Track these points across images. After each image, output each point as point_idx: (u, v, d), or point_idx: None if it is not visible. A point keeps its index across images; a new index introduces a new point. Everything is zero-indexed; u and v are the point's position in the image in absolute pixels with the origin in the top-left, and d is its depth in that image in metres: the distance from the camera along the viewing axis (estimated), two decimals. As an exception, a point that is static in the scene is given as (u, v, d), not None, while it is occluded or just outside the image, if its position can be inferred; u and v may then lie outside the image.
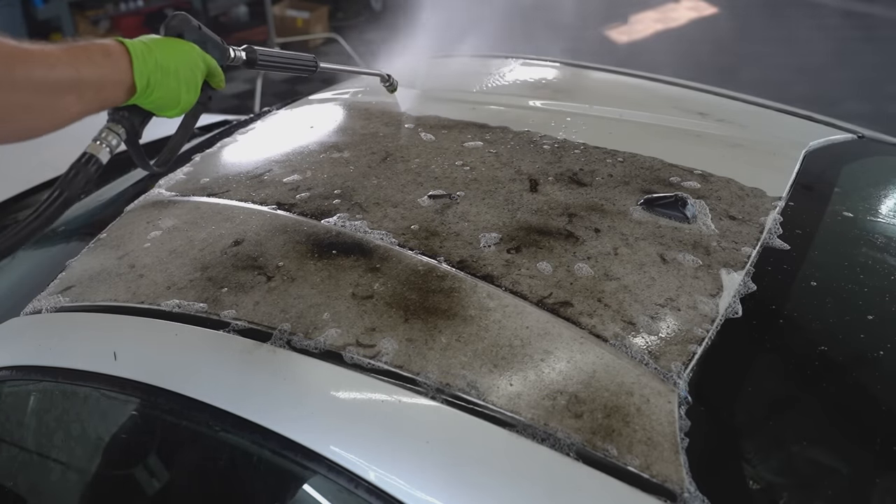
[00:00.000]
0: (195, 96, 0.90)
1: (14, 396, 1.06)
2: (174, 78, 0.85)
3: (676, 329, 0.83)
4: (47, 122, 0.75)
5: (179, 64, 0.86)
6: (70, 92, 0.75)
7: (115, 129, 0.85)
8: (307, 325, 0.86)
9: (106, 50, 0.79)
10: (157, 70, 0.83)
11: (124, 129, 0.85)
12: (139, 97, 0.83)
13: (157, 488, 0.99)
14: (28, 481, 1.11)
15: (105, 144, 0.83)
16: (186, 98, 0.88)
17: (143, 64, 0.82)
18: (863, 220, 1.11)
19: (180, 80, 0.86)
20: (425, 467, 0.73)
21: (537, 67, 1.75)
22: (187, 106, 0.89)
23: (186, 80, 0.87)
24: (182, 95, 0.87)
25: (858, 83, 4.32)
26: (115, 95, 0.81)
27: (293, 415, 0.80)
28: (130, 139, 0.88)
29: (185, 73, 0.86)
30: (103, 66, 0.78)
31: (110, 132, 0.84)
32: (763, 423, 0.79)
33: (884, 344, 0.86)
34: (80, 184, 0.78)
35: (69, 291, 1.03)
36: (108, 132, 0.84)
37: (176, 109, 0.88)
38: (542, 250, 0.96)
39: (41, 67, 0.72)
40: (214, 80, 0.95)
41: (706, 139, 1.30)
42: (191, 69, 0.87)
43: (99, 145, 0.82)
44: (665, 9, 5.80)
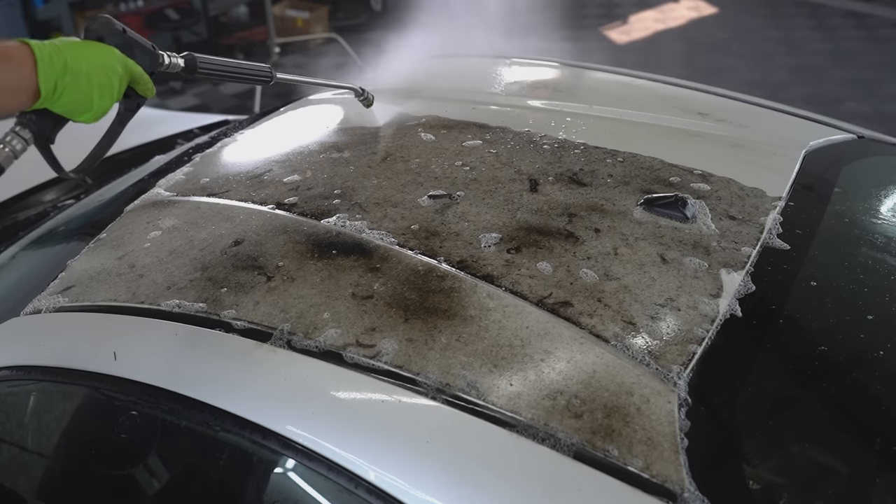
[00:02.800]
0: (111, 101, 0.86)
1: (14, 396, 1.06)
2: (85, 82, 0.81)
3: (676, 329, 0.83)
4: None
5: (92, 67, 0.82)
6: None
7: (20, 133, 0.82)
8: (307, 325, 0.86)
9: (6, 54, 0.76)
10: (66, 73, 0.79)
11: (31, 133, 0.83)
12: (46, 101, 0.79)
13: (157, 488, 0.99)
14: (28, 481, 1.11)
15: (8, 148, 0.80)
16: (100, 103, 0.84)
17: (50, 67, 0.78)
18: (863, 220, 1.11)
19: (93, 84, 0.82)
20: (425, 467, 0.73)
21: (537, 67, 1.75)
22: (102, 111, 0.85)
23: (101, 85, 0.83)
24: (95, 100, 0.83)
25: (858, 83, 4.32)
26: (17, 102, 0.78)
27: (293, 415, 0.80)
28: (40, 143, 0.85)
29: (99, 78, 0.83)
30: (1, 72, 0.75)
31: (15, 136, 0.82)
32: (763, 423, 0.79)
33: (884, 344, 0.86)
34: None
35: (69, 291, 1.03)
36: (13, 136, 0.81)
37: (89, 114, 0.84)
38: (542, 250, 0.96)
39: None
40: (140, 87, 0.91)
41: (706, 139, 1.30)
42: (106, 73, 0.83)
43: (2, 149, 0.80)
44: (665, 9, 5.80)
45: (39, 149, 0.86)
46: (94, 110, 0.84)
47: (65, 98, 0.80)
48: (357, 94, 1.36)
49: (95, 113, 0.85)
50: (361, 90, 1.36)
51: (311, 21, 5.19)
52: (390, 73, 1.45)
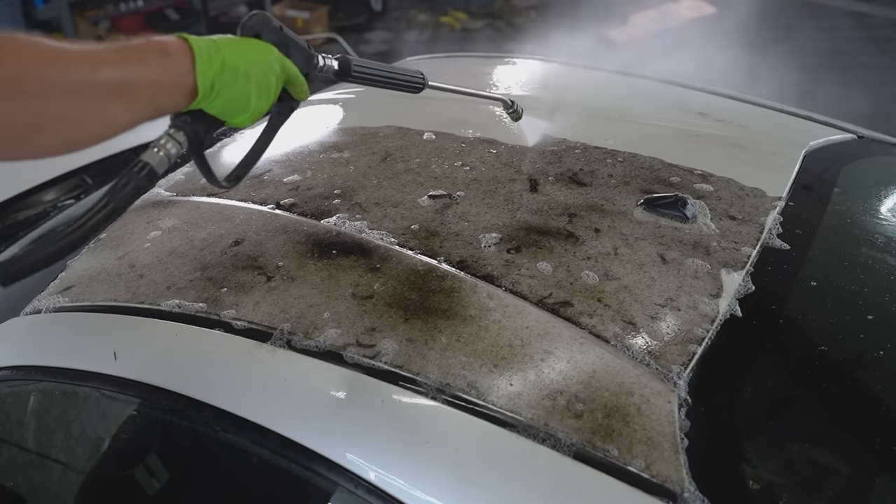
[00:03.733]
0: (267, 103, 0.80)
1: (14, 396, 1.06)
2: (243, 80, 0.75)
3: (676, 329, 0.83)
4: (91, 132, 0.66)
5: (251, 65, 0.76)
6: (117, 98, 0.65)
7: (175, 136, 0.75)
8: (307, 325, 0.86)
9: (163, 48, 0.70)
10: (223, 71, 0.73)
11: (186, 135, 0.75)
12: (202, 101, 0.73)
13: (157, 488, 0.99)
14: (28, 481, 1.11)
15: (162, 152, 0.73)
16: (257, 104, 0.78)
17: (208, 64, 0.72)
18: (863, 220, 1.11)
19: (250, 82, 0.76)
20: (425, 467, 0.73)
21: (537, 67, 1.75)
22: (258, 113, 0.79)
23: (258, 84, 0.77)
24: (252, 100, 0.77)
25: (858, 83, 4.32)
26: (174, 100, 0.72)
27: (293, 415, 0.80)
28: (193, 148, 0.78)
29: (257, 76, 0.77)
30: (159, 67, 0.68)
31: (170, 139, 0.74)
32: (763, 423, 0.79)
33: (884, 344, 0.86)
34: (131, 194, 0.68)
35: (69, 291, 1.03)
36: (168, 139, 0.74)
37: (245, 116, 0.78)
38: (542, 250, 0.96)
39: (81, 70, 0.62)
40: (295, 89, 0.84)
41: (706, 139, 1.30)
42: (264, 72, 0.77)
43: (156, 153, 0.72)
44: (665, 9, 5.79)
45: (192, 154, 0.79)
46: (250, 111, 0.78)
47: (222, 98, 0.74)
48: (506, 105, 1.25)
49: (252, 114, 0.79)
50: (511, 102, 1.24)
51: (311, 21, 5.19)
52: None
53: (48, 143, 0.64)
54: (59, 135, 0.64)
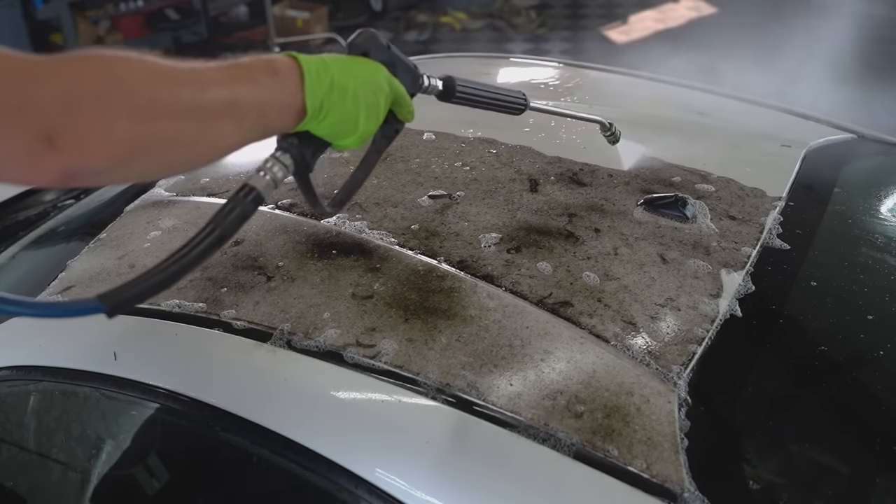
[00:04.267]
0: (376, 124, 0.76)
1: (14, 396, 1.06)
2: (352, 100, 0.72)
3: (676, 329, 0.83)
4: (198, 154, 0.64)
5: (360, 85, 0.72)
6: (226, 118, 0.63)
7: (281, 159, 0.71)
8: (307, 325, 0.86)
9: (272, 67, 0.67)
10: (332, 91, 0.70)
11: (292, 158, 0.72)
12: (310, 122, 0.70)
13: (157, 488, 0.99)
14: (28, 481, 1.11)
15: (269, 176, 0.70)
16: (366, 125, 0.74)
17: (317, 83, 0.69)
18: (863, 220, 1.11)
19: (359, 102, 0.72)
20: (425, 467, 0.73)
21: (537, 67, 1.75)
22: (366, 134, 0.76)
23: (367, 104, 0.73)
24: (361, 121, 0.73)
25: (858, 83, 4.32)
26: (282, 121, 0.69)
27: (293, 415, 0.80)
28: (299, 171, 0.74)
29: (366, 96, 0.73)
30: (268, 86, 0.66)
31: (276, 162, 0.71)
32: (763, 423, 0.79)
33: (884, 344, 0.86)
34: (237, 220, 0.66)
35: (69, 291, 1.03)
36: (274, 162, 0.71)
37: (353, 137, 0.74)
38: (542, 250, 0.96)
39: (191, 89, 0.60)
40: (401, 110, 0.80)
41: (706, 139, 1.30)
42: (373, 91, 0.74)
43: (262, 177, 0.69)
44: (665, 9, 5.79)
45: (298, 178, 0.76)
46: (358, 132, 0.74)
47: (330, 118, 0.71)
48: (603, 128, 1.16)
49: (360, 136, 0.75)
50: (609, 125, 1.15)
51: (311, 21, 5.19)
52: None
53: (153, 166, 0.62)
54: (164, 157, 0.61)
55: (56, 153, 0.52)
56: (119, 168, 0.58)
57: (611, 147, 1.17)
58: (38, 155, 0.52)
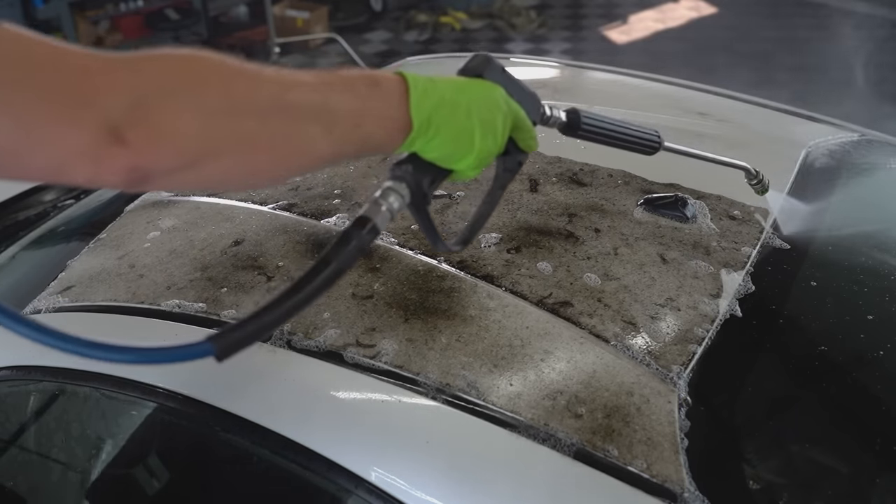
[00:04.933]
0: (495, 145, 0.69)
1: (14, 396, 1.06)
2: (465, 116, 0.66)
3: (676, 329, 0.83)
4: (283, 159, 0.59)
5: (473, 101, 0.67)
6: (313, 122, 0.59)
7: (397, 188, 0.66)
8: (307, 325, 0.86)
9: (373, 79, 0.63)
10: (441, 106, 0.65)
11: (408, 188, 0.67)
12: (418, 139, 0.65)
13: (157, 488, 0.99)
14: (28, 481, 1.11)
15: (385, 207, 0.65)
16: (483, 144, 0.67)
17: (423, 96, 0.64)
18: (863, 220, 1.11)
19: (473, 118, 0.66)
20: (425, 467, 0.73)
21: (537, 67, 1.75)
22: (484, 156, 0.68)
23: (482, 121, 0.67)
24: (476, 140, 0.66)
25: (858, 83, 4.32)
26: (383, 133, 0.63)
27: (293, 415, 0.80)
28: (416, 202, 0.68)
29: (481, 113, 0.67)
30: (365, 96, 0.62)
31: (392, 192, 0.66)
32: (763, 423, 0.79)
33: (884, 344, 0.86)
34: (354, 254, 0.62)
35: (69, 291, 1.03)
36: (390, 191, 0.66)
37: (470, 158, 0.67)
38: (542, 250, 0.96)
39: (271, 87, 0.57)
40: (523, 136, 0.72)
41: (706, 139, 1.30)
42: (489, 108, 0.68)
43: (378, 207, 0.64)
44: (665, 8, 5.80)
45: (415, 210, 0.69)
46: (475, 152, 0.67)
47: (441, 136, 0.65)
48: (749, 175, 1.03)
49: (478, 157, 0.68)
50: (755, 172, 1.02)
51: (311, 21, 5.19)
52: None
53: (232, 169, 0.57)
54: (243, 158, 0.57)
55: (123, 148, 0.50)
56: (193, 168, 0.54)
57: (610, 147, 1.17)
58: (104, 150, 0.50)
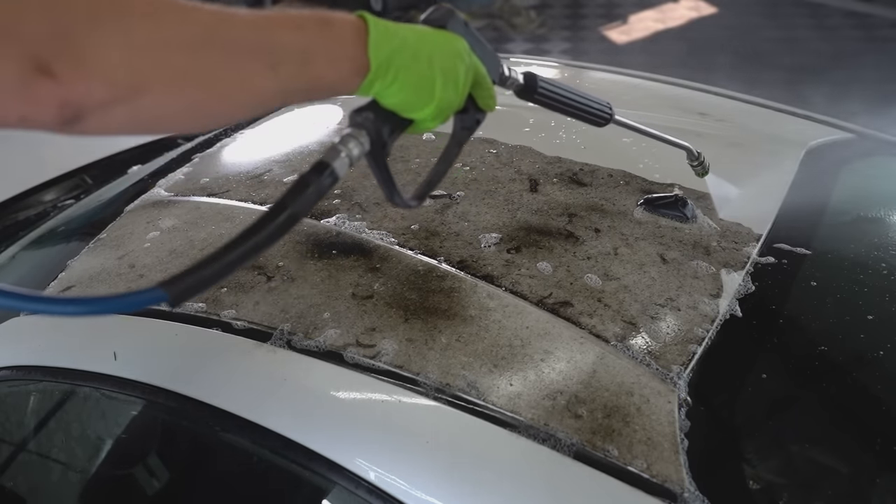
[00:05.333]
0: (456, 97, 0.67)
1: (14, 396, 1.06)
2: (426, 63, 0.63)
3: (676, 329, 0.83)
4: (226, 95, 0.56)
5: (435, 49, 0.64)
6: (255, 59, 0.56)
7: (356, 135, 0.65)
8: (307, 325, 0.86)
9: (324, 19, 0.60)
10: (403, 50, 0.62)
11: (368, 135, 0.65)
12: (376, 83, 0.62)
13: (157, 488, 0.99)
14: (28, 481, 1.11)
15: (344, 152, 0.63)
16: (444, 94, 0.65)
17: (384, 38, 0.61)
18: (863, 219, 1.11)
19: (434, 67, 0.64)
20: (425, 467, 0.73)
21: (537, 68, 1.75)
22: (445, 106, 0.66)
23: (444, 69, 0.65)
24: (437, 88, 0.64)
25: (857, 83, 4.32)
26: (336, 73, 0.60)
27: (293, 415, 0.80)
28: (375, 152, 0.67)
29: (444, 62, 0.65)
30: (315, 34, 0.59)
31: (351, 138, 0.64)
32: (763, 423, 0.79)
33: (884, 344, 0.86)
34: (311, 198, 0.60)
35: (69, 291, 1.03)
36: (349, 138, 0.64)
37: (430, 108, 0.66)
38: (542, 250, 0.96)
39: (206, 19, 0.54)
40: (482, 94, 0.71)
41: (706, 139, 1.29)
42: (451, 58, 0.65)
43: (336, 152, 0.62)
44: (665, 8, 5.80)
45: (373, 161, 0.68)
46: (436, 102, 0.65)
47: (401, 81, 0.63)
48: (691, 157, 1.07)
49: (439, 106, 0.66)
50: (697, 154, 1.07)
51: (311, 21, 5.19)
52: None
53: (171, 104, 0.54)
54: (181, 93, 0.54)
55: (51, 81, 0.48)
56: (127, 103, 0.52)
57: (610, 147, 1.17)
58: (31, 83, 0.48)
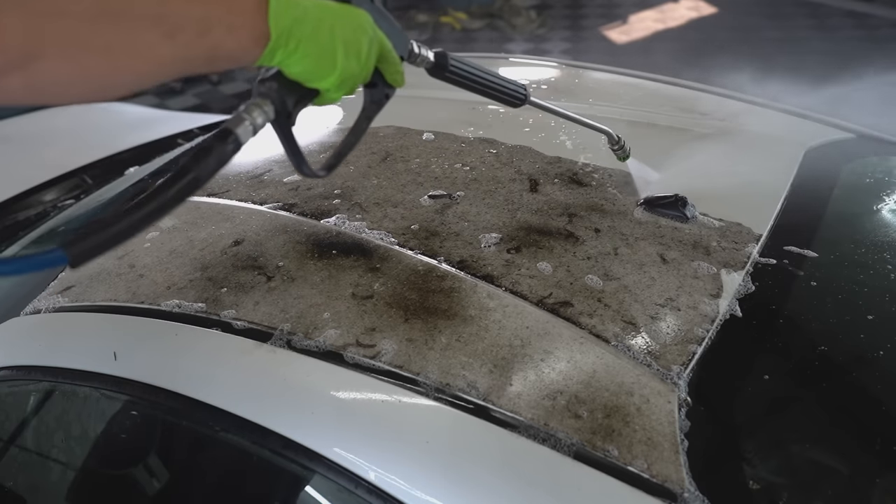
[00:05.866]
0: (359, 69, 0.68)
1: (14, 396, 1.06)
2: (328, 34, 0.65)
3: (676, 329, 0.83)
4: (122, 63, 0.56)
5: (338, 21, 0.66)
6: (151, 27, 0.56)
7: (260, 104, 0.66)
8: (307, 325, 0.86)
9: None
10: (304, 20, 0.63)
11: (272, 104, 0.67)
12: (277, 52, 0.63)
13: (157, 488, 0.99)
14: (28, 481, 1.11)
15: (248, 120, 0.64)
16: (346, 64, 0.66)
17: (285, 8, 0.62)
18: (863, 219, 1.11)
19: (336, 38, 0.65)
20: (425, 467, 0.73)
21: (537, 67, 1.75)
22: (348, 77, 0.68)
23: (346, 41, 0.66)
24: (340, 58, 0.66)
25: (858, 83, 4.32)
26: (236, 42, 0.61)
27: (293, 415, 0.80)
28: (280, 122, 0.69)
29: (346, 34, 0.66)
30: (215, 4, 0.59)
31: (255, 107, 0.66)
32: (763, 423, 0.79)
33: (884, 344, 0.86)
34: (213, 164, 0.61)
35: (69, 291, 1.03)
36: (253, 106, 0.66)
37: (333, 78, 0.67)
38: (542, 250, 0.96)
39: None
40: (389, 69, 0.73)
41: (706, 139, 1.29)
42: (353, 30, 0.67)
43: (240, 120, 0.64)
44: (665, 8, 5.80)
45: (279, 129, 0.70)
46: (338, 72, 0.66)
47: (302, 50, 0.64)
48: (612, 140, 1.10)
49: (340, 76, 0.67)
50: (617, 138, 1.10)
51: (311, 21, 5.19)
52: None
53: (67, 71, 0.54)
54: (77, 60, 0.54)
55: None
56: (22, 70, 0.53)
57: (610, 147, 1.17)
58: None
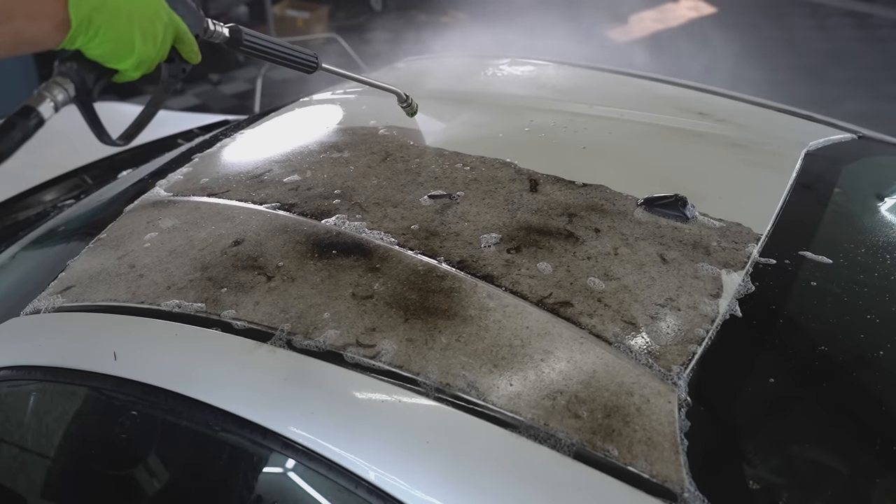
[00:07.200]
0: (156, 52, 0.76)
1: (14, 396, 1.06)
2: (125, 21, 0.72)
3: (676, 329, 0.83)
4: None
5: (135, 10, 0.73)
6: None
7: (61, 83, 0.72)
8: (307, 325, 0.86)
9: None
10: (103, 8, 0.70)
11: (73, 83, 0.73)
12: (79, 38, 0.70)
13: (157, 488, 0.99)
14: (28, 481, 1.11)
15: (49, 98, 0.70)
16: (143, 48, 0.74)
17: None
18: (863, 220, 1.11)
19: (133, 24, 0.73)
20: (425, 467, 0.73)
21: (537, 67, 1.75)
22: (145, 59, 0.76)
23: (143, 28, 0.74)
24: (137, 43, 0.74)
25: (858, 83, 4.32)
26: (39, 30, 0.68)
27: (293, 415, 0.80)
28: (81, 98, 0.75)
29: (141, 20, 0.74)
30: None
31: (55, 85, 0.72)
32: (763, 423, 0.79)
33: (884, 344, 0.86)
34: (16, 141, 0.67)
35: (69, 291, 1.03)
36: (53, 85, 0.72)
37: (131, 60, 0.74)
38: (542, 250, 0.96)
39: None
40: (185, 48, 0.83)
41: (706, 139, 1.29)
42: (149, 17, 0.75)
43: (42, 98, 0.70)
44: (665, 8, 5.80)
45: (81, 105, 0.76)
46: (136, 55, 0.74)
47: (101, 36, 0.71)
48: (400, 99, 1.24)
49: (138, 59, 0.75)
50: (406, 96, 1.24)
51: (310, 21, 5.20)
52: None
53: None
54: None
55: None
56: None
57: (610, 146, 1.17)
58: None
